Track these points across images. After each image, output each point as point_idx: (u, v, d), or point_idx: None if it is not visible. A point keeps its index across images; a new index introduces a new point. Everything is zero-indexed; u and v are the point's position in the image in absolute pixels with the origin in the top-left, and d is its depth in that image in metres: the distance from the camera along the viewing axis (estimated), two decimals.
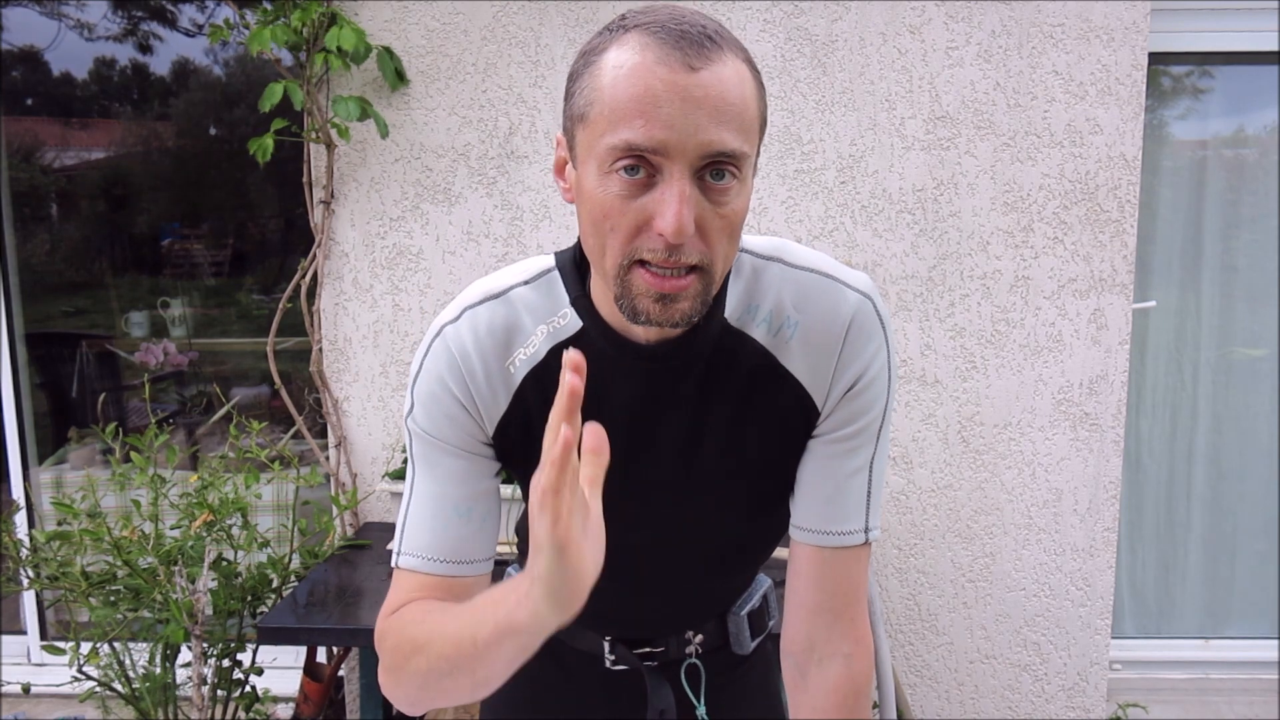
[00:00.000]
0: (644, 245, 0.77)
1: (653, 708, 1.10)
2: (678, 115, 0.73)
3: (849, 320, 0.89)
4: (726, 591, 1.12)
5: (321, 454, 2.48)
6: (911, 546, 2.48)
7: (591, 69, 0.78)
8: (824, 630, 0.96)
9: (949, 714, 2.55)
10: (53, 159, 3.01)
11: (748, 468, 0.94)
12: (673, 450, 0.92)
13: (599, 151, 0.77)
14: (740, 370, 0.91)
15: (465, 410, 0.91)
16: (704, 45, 0.75)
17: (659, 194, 0.75)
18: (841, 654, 0.96)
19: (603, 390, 0.87)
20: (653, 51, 0.74)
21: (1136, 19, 2.30)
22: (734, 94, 0.76)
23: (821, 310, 0.90)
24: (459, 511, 0.92)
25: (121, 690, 2.17)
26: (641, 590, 1.03)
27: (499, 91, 2.36)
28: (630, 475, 0.88)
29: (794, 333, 0.90)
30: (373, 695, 1.96)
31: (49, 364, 3.02)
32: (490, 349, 0.90)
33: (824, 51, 2.33)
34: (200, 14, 2.92)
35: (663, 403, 0.91)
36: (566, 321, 0.90)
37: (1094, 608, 2.49)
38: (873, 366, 0.91)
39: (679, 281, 0.78)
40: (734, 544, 1.03)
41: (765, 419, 0.92)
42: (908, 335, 2.41)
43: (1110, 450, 2.44)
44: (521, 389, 0.91)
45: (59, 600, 2.28)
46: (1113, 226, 2.36)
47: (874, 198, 2.37)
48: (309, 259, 2.41)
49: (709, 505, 0.96)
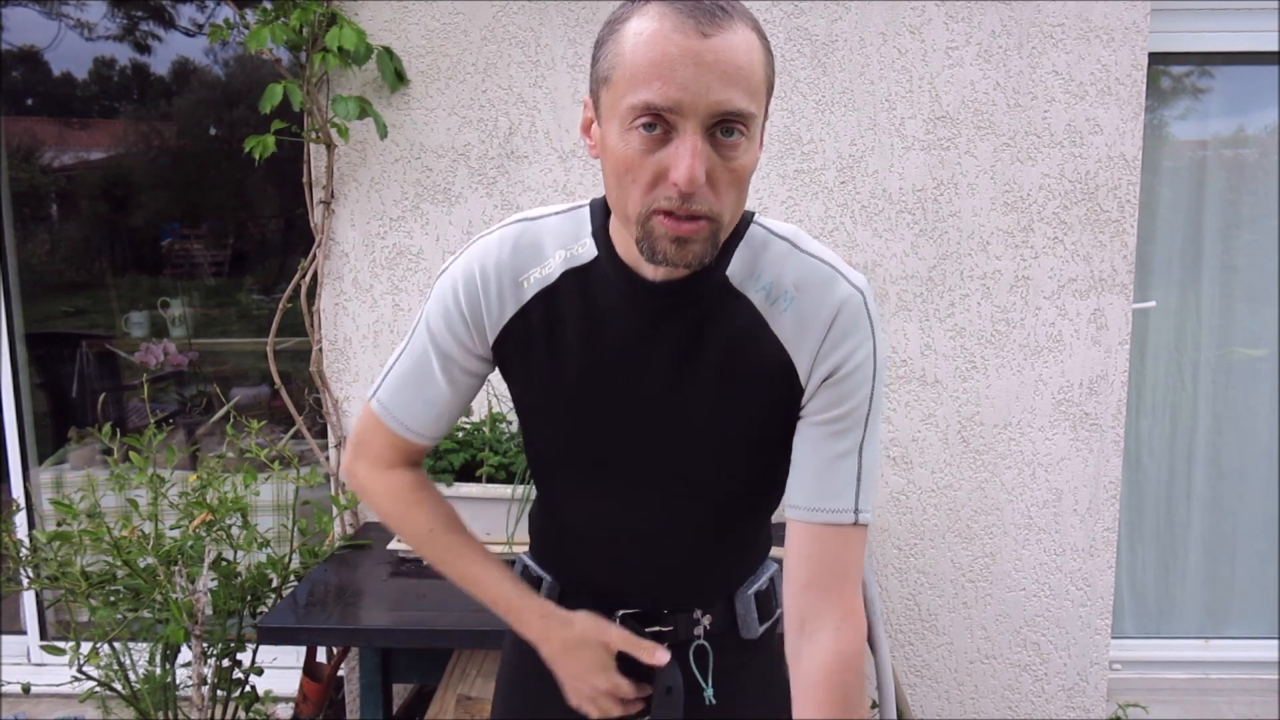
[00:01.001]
0: (661, 194, 0.87)
1: (660, 684, 1.11)
2: (691, 78, 0.82)
3: (838, 308, 0.96)
4: (729, 560, 1.15)
5: (321, 454, 2.48)
6: (911, 546, 2.48)
7: (615, 36, 0.87)
8: (814, 604, 0.99)
9: (949, 714, 2.55)
10: (52, 159, 3.01)
11: (732, 409, 1.00)
12: (663, 379, 1.00)
13: (620, 110, 0.86)
14: (733, 323, 0.98)
15: (466, 323, 1.03)
16: (716, 15, 0.83)
17: (674, 148, 0.85)
18: (830, 627, 0.98)
19: (608, 315, 0.99)
20: (670, 19, 0.83)
21: (1136, 19, 2.30)
22: (743, 59, 0.84)
23: (817, 294, 0.97)
24: (426, 401, 1.08)
25: (121, 690, 2.17)
26: (645, 546, 1.09)
27: (499, 91, 2.36)
28: (624, 396, 1.00)
29: (788, 307, 0.97)
30: (373, 695, 1.96)
31: (49, 364, 3.02)
32: (508, 265, 1.01)
33: (824, 51, 2.33)
34: (200, 14, 2.92)
35: (659, 335, 0.99)
36: (584, 250, 1.01)
37: (1094, 608, 2.49)
38: (854, 357, 0.97)
39: (692, 225, 0.87)
40: (725, 488, 1.06)
41: (751, 372, 0.99)
42: (908, 335, 2.41)
43: (1110, 450, 2.44)
44: (529, 305, 1.01)
45: (59, 600, 2.28)
46: (1113, 226, 2.36)
47: (874, 198, 2.37)
48: (309, 259, 2.41)
49: (698, 436, 1.02)
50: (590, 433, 1.04)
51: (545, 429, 1.08)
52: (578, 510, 1.12)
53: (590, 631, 1.10)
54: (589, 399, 1.02)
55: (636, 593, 1.14)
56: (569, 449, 1.07)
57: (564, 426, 1.05)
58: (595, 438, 1.04)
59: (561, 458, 1.08)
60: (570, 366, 1.02)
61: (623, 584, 1.13)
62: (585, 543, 1.13)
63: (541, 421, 1.08)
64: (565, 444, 1.07)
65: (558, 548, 1.18)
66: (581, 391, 1.02)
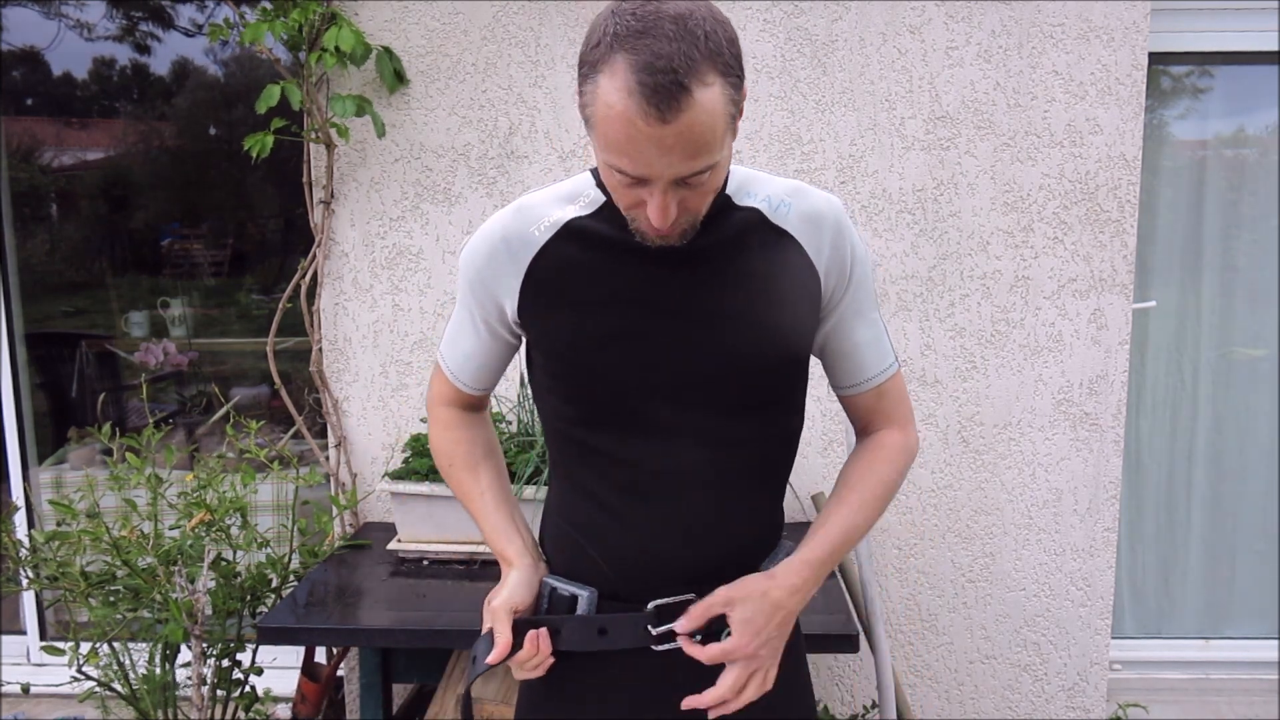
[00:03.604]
0: (641, 214, 1.01)
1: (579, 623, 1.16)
2: (655, 156, 0.93)
3: (837, 209, 1.13)
4: (758, 516, 1.18)
5: (321, 454, 2.48)
6: (911, 546, 2.48)
7: (591, 83, 0.94)
8: (883, 425, 1.23)
9: (949, 714, 2.55)
10: (52, 159, 3.01)
11: (766, 307, 1.10)
12: (700, 292, 1.09)
13: (600, 156, 0.98)
14: (750, 229, 1.11)
15: (487, 285, 1.14)
16: (675, 96, 0.89)
17: (647, 193, 0.98)
18: (898, 427, 1.22)
19: (630, 246, 1.07)
20: (634, 101, 0.90)
21: (1136, 19, 2.30)
22: (703, 129, 0.92)
23: (808, 199, 1.13)
24: (465, 354, 1.23)
25: (121, 690, 2.17)
26: (687, 496, 1.12)
27: (499, 91, 2.36)
28: (666, 315, 1.09)
29: (790, 211, 1.12)
30: (372, 695, 1.96)
31: (49, 364, 3.02)
32: (518, 224, 1.12)
33: (824, 51, 2.33)
34: (200, 14, 2.92)
35: (686, 253, 1.08)
36: (592, 199, 1.12)
37: (1094, 608, 2.49)
38: (856, 245, 1.15)
39: (672, 228, 1.02)
40: (764, 405, 1.14)
41: (770, 268, 1.10)
42: (908, 335, 2.41)
43: (1110, 450, 2.44)
44: (546, 247, 1.11)
45: (58, 600, 2.28)
46: (1113, 226, 2.36)
47: (874, 198, 2.37)
48: (309, 259, 2.41)
49: (741, 340, 1.10)
50: (640, 358, 1.09)
51: (592, 370, 1.10)
52: (620, 469, 1.12)
53: (492, 595, 1.17)
54: (633, 325, 1.09)
55: (675, 564, 1.12)
56: (619, 385, 1.10)
57: (613, 359, 1.09)
58: (645, 363, 1.10)
59: (611, 398, 1.10)
60: (606, 298, 1.09)
61: (663, 552, 1.12)
62: (625, 512, 1.13)
63: (587, 363, 1.10)
64: (615, 380, 1.10)
65: (592, 536, 1.16)
66: (624, 319, 1.09)
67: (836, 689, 2.54)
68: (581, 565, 1.17)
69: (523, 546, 1.20)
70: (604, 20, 0.93)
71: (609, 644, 1.14)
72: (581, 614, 1.15)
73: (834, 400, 1.98)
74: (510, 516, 1.23)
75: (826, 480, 2.42)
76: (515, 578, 1.16)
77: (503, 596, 1.15)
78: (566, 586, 1.16)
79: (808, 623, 1.24)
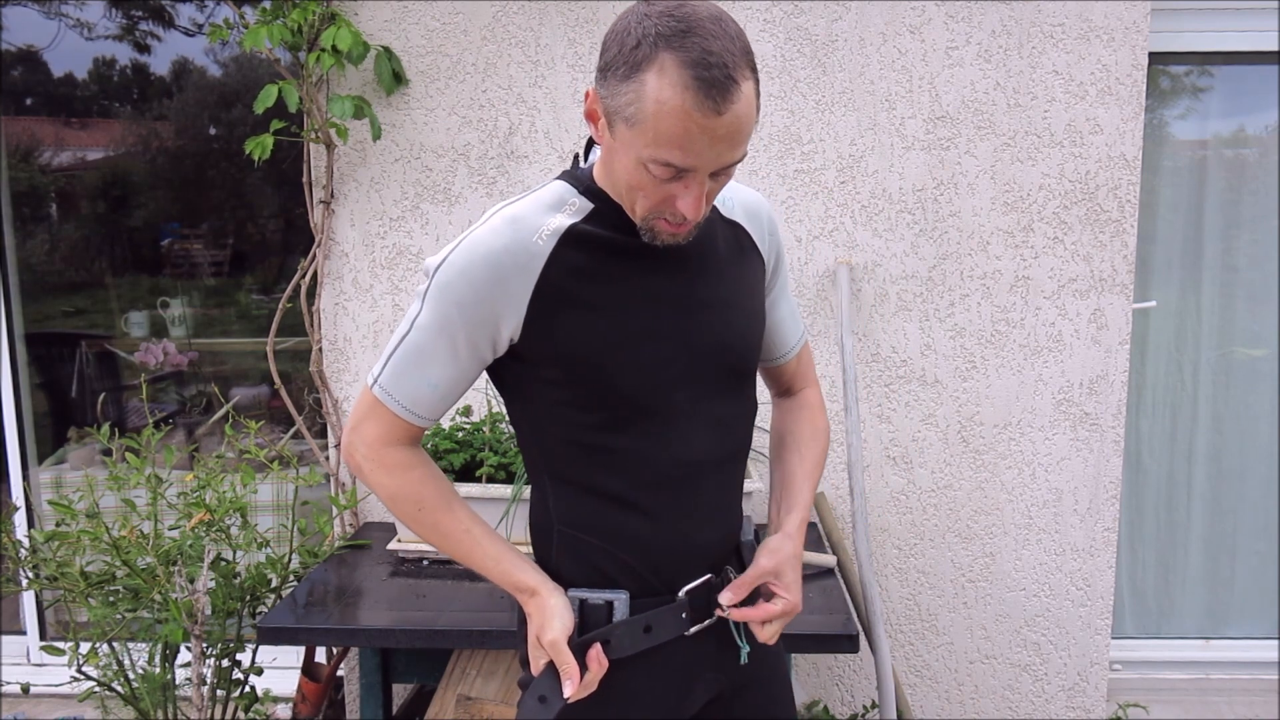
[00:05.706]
0: (665, 210, 1.06)
1: (533, 692, 1.16)
2: (706, 148, 0.99)
3: (762, 201, 1.28)
4: (739, 488, 1.27)
5: (321, 454, 2.48)
6: (911, 546, 2.48)
7: (635, 82, 0.98)
8: (801, 385, 1.40)
9: (949, 714, 2.55)
10: (52, 159, 3.01)
11: (745, 288, 1.22)
12: (696, 281, 1.17)
13: (642, 153, 1.00)
14: (711, 223, 1.19)
15: (481, 309, 1.10)
16: (728, 88, 0.96)
17: (684, 186, 1.03)
18: (812, 385, 1.41)
19: (629, 246, 1.12)
20: (690, 95, 0.95)
21: (1136, 19, 2.30)
22: (746, 119, 0.99)
23: (745, 193, 1.27)
24: (430, 384, 1.15)
25: (121, 690, 2.17)
26: (708, 476, 1.19)
27: (499, 91, 2.36)
28: (674, 306, 1.15)
29: (735, 205, 1.25)
30: (373, 695, 1.96)
31: (49, 364, 3.02)
32: (513, 239, 1.10)
33: (824, 51, 2.33)
34: (200, 13, 2.92)
35: (673, 251, 1.14)
36: (579, 206, 1.14)
37: (1094, 608, 2.49)
38: (779, 231, 1.31)
39: (688, 227, 1.08)
40: (753, 374, 1.25)
41: (735, 256, 1.22)
42: (908, 335, 2.41)
43: (1110, 450, 2.44)
44: (552, 257, 1.10)
45: (58, 600, 2.28)
46: (1113, 226, 2.36)
47: (874, 198, 2.37)
48: (309, 259, 2.41)
49: (738, 315, 1.20)
50: (659, 354, 1.14)
51: (618, 371, 1.12)
52: (645, 466, 1.14)
53: (543, 629, 1.15)
54: (648, 322, 1.13)
55: (700, 548, 1.19)
56: (643, 382, 1.12)
57: (635, 358, 1.12)
58: (663, 358, 1.14)
59: (636, 396, 1.12)
60: (621, 299, 1.12)
61: (690, 538, 1.17)
62: (652, 507, 1.15)
63: (611, 365, 1.11)
64: (639, 378, 1.12)
65: (620, 539, 1.16)
66: (639, 318, 1.13)
67: (836, 689, 2.54)
68: (608, 570, 1.16)
69: (540, 571, 1.18)
70: (637, 23, 0.98)
71: (654, 640, 1.16)
72: (625, 618, 1.15)
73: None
74: (508, 545, 1.19)
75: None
76: (557, 603, 1.14)
77: (556, 627, 1.13)
78: (598, 595, 1.16)
79: (808, 622, 1.25)
